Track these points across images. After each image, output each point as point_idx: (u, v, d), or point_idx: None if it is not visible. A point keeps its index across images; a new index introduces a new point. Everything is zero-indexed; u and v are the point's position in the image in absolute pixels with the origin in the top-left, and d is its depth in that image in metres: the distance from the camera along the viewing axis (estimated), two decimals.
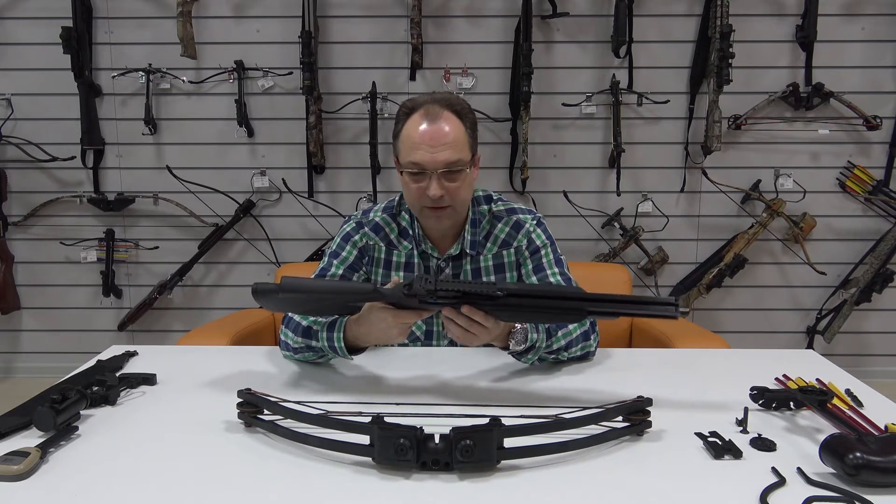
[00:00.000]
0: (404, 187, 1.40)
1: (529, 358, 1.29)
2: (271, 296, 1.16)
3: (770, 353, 1.49)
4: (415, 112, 1.37)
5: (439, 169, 1.33)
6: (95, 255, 3.06)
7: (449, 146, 1.33)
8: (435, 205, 1.36)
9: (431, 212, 1.38)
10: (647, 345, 1.82)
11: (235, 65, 2.90)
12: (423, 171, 1.33)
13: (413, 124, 1.36)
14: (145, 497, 0.86)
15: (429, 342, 1.51)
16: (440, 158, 1.33)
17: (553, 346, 1.30)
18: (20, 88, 2.95)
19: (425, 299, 1.12)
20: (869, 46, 2.91)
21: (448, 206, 1.37)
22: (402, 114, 1.39)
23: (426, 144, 1.33)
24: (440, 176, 1.33)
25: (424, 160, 1.33)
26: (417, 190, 1.36)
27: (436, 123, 1.34)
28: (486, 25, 2.92)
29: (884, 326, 3.12)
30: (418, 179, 1.35)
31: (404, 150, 1.36)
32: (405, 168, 1.35)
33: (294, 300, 1.19)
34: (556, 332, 1.31)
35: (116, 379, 1.21)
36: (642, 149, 2.98)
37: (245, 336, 1.81)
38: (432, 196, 1.34)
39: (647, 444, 1.00)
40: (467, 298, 1.11)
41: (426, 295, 1.11)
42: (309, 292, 1.18)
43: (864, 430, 1.00)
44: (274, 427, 1.00)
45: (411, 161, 1.34)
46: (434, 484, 0.88)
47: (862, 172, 2.96)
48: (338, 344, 1.27)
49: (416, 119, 1.36)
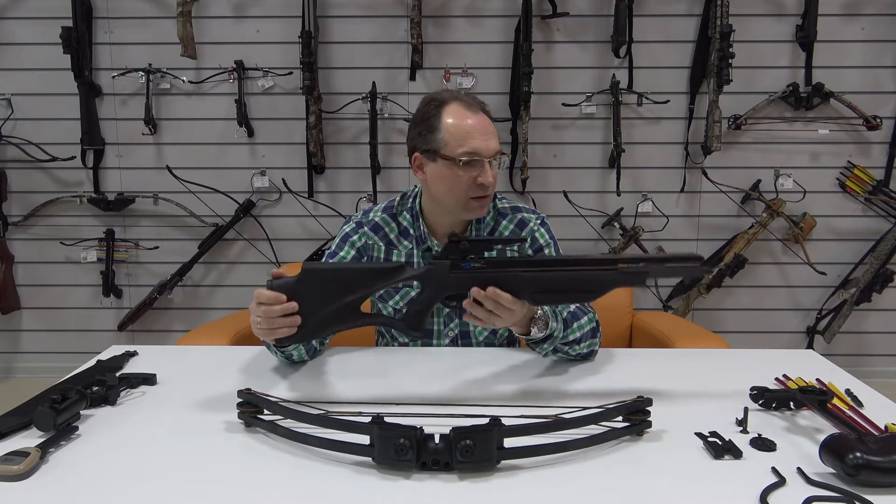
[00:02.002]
0: (450, 180, 1.36)
1: (545, 347, 1.30)
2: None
3: (770, 353, 1.49)
4: (447, 105, 1.37)
5: (493, 156, 1.35)
6: (95, 255, 3.06)
7: (494, 135, 1.38)
8: (483, 193, 1.36)
9: (477, 201, 1.38)
10: (647, 345, 1.82)
11: (235, 65, 2.90)
12: (480, 158, 1.34)
13: (456, 115, 1.36)
14: (145, 497, 0.86)
15: (429, 342, 1.51)
16: (492, 146, 1.36)
17: (569, 336, 1.31)
18: (20, 88, 2.95)
19: (458, 259, 1.13)
20: (869, 46, 2.91)
21: (488, 196, 1.39)
22: (431, 108, 1.38)
23: (479, 133, 1.34)
24: (489, 163, 1.35)
25: (480, 148, 1.34)
26: (469, 179, 1.35)
27: (480, 114, 1.37)
28: (486, 25, 2.92)
29: (884, 326, 3.12)
30: (471, 168, 1.34)
31: (453, 140, 1.34)
32: (461, 157, 1.33)
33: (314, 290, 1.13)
34: (572, 323, 1.32)
35: (116, 379, 1.20)
36: (642, 149, 2.99)
37: (245, 336, 1.80)
38: (488, 183, 1.35)
39: (647, 444, 1.00)
40: (494, 266, 1.13)
41: (461, 256, 1.12)
42: (330, 272, 1.17)
43: (864, 430, 1.00)
44: (274, 427, 1.00)
45: (467, 150, 1.33)
46: (434, 484, 0.88)
47: (862, 172, 2.96)
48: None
49: (456, 110, 1.36)
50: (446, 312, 1.49)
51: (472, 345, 1.52)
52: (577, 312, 1.35)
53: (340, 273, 1.18)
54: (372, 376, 1.30)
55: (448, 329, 1.51)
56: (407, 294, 1.48)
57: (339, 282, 1.13)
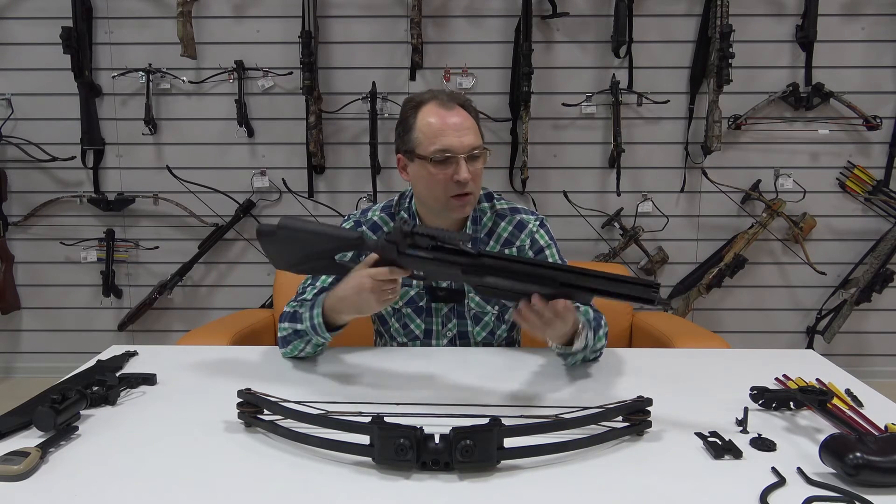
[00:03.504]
0: (426, 179, 1.37)
1: (577, 357, 1.29)
2: (271, 237, 1.23)
3: (770, 353, 1.49)
4: (425, 105, 1.37)
5: (466, 152, 1.34)
6: (95, 255, 3.06)
7: (470, 130, 1.36)
8: (462, 191, 1.35)
9: (457, 200, 1.37)
10: (647, 345, 1.82)
11: (235, 65, 2.90)
12: (452, 155, 1.33)
13: (430, 114, 1.36)
14: (145, 497, 0.86)
15: (427, 343, 1.51)
16: (466, 142, 1.34)
17: (597, 345, 1.31)
18: (20, 88, 2.95)
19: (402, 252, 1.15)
20: (869, 46, 2.91)
21: (471, 193, 1.38)
22: (408, 108, 1.39)
23: (451, 129, 1.34)
24: (466, 160, 1.34)
25: (453, 144, 1.33)
26: (444, 178, 1.34)
27: (453, 110, 1.36)
28: (486, 25, 2.92)
29: (884, 326, 3.12)
30: (445, 166, 1.34)
31: (426, 139, 1.35)
32: (433, 156, 1.33)
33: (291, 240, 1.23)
34: (598, 329, 1.32)
35: (116, 379, 1.20)
36: (642, 149, 2.98)
37: (245, 336, 1.81)
38: (463, 179, 1.33)
39: (647, 444, 1.00)
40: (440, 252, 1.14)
41: (403, 238, 1.14)
42: (304, 232, 1.23)
43: (864, 430, 1.00)
44: (274, 427, 1.00)
45: (439, 148, 1.33)
46: (434, 484, 0.88)
47: (862, 172, 2.96)
48: (316, 320, 1.29)
49: (431, 109, 1.36)
50: (444, 312, 1.49)
51: (471, 345, 1.52)
52: (596, 317, 1.35)
53: (309, 232, 1.25)
54: (372, 376, 1.30)
55: (446, 329, 1.51)
56: (406, 294, 1.48)
57: (307, 243, 1.24)
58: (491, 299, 1.47)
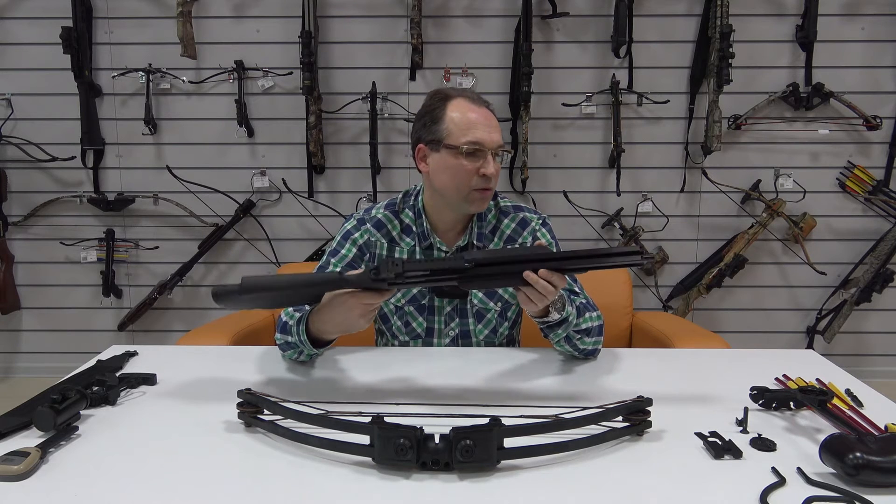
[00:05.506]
0: (453, 170, 1.37)
1: (559, 333, 1.30)
2: (233, 297, 1.14)
3: (770, 353, 1.49)
4: (454, 98, 1.39)
5: (495, 148, 1.37)
6: (95, 255, 3.06)
7: (498, 129, 1.40)
8: (485, 185, 1.37)
9: (480, 193, 1.39)
10: (647, 345, 1.82)
11: (235, 65, 2.90)
12: (482, 149, 1.35)
13: (461, 108, 1.38)
14: (145, 497, 0.86)
15: (429, 341, 1.51)
16: (495, 139, 1.37)
17: (581, 325, 1.32)
18: (20, 88, 2.95)
19: (394, 282, 1.12)
20: (869, 46, 2.91)
21: (491, 189, 1.40)
22: (436, 101, 1.41)
23: (482, 124, 1.37)
24: (493, 156, 1.37)
25: (484, 139, 1.35)
26: (471, 170, 1.36)
27: (484, 108, 1.40)
28: (486, 25, 2.92)
29: (884, 326, 3.12)
30: (475, 159, 1.36)
31: (458, 130, 1.36)
32: (464, 147, 1.35)
33: (259, 299, 1.18)
34: (584, 312, 1.34)
35: (116, 379, 1.21)
36: (642, 149, 2.99)
37: (245, 336, 1.81)
38: (490, 174, 1.36)
39: (647, 444, 1.00)
40: (436, 276, 1.13)
41: (394, 278, 1.12)
42: (272, 289, 1.16)
43: (864, 430, 1.00)
44: (274, 427, 1.00)
45: (471, 140, 1.35)
46: (434, 484, 0.88)
47: (862, 172, 2.96)
48: (302, 337, 1.29)
49: (461, 104, 1.38)
50: (447, 312, 1.50)
51: (473, 344, 1.52)
52: (586, 305, 1.37)
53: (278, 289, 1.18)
54: (372, 376, 1.30)
55: (448, 329, 1.51)
56: (408, 292, 1.49)
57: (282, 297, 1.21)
58: (494, 294, 1.50)
